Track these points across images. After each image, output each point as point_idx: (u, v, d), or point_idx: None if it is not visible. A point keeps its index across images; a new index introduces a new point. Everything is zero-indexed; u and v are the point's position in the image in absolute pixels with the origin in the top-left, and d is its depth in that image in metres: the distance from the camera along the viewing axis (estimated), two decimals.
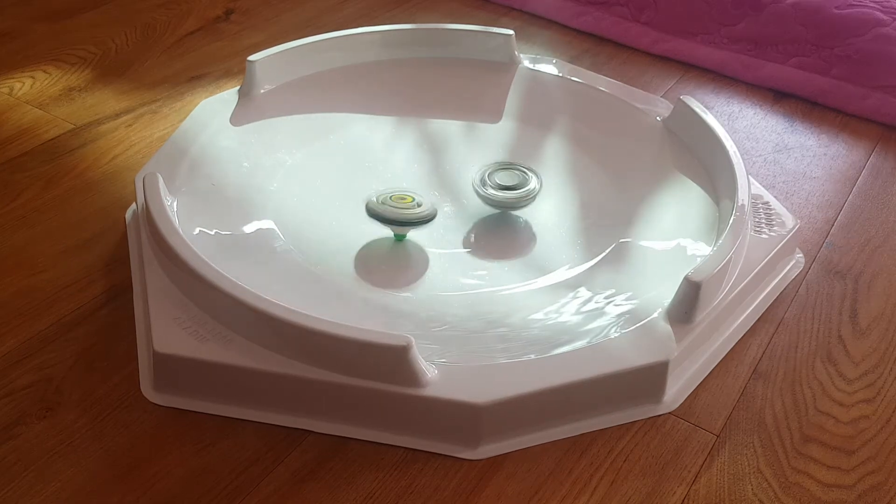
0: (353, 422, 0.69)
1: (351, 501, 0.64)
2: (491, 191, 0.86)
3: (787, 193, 0.97)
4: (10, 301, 0.79)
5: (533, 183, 0.87)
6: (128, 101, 1.08)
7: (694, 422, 0.71)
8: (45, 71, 1.14)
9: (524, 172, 0.88)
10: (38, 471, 0.65)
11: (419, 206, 0.82)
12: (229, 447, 0.67)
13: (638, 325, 0.72)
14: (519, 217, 0.88)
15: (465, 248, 0.84)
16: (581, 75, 1.06)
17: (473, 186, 0.87)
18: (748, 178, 0.84)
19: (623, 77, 1.16)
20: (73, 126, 1.03)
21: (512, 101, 1.04)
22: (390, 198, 0.82)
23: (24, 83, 1.11)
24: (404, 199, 0.82)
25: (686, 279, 0.72)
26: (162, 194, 0.79)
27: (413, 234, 0.84)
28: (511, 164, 0.89)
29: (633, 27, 1.26)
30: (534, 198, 0.87)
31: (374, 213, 0.81)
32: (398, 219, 0.81)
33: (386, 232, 0.83)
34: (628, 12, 1.27)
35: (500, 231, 0.87)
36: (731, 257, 0.75)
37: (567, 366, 0.69)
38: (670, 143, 0.96)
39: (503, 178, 0.87)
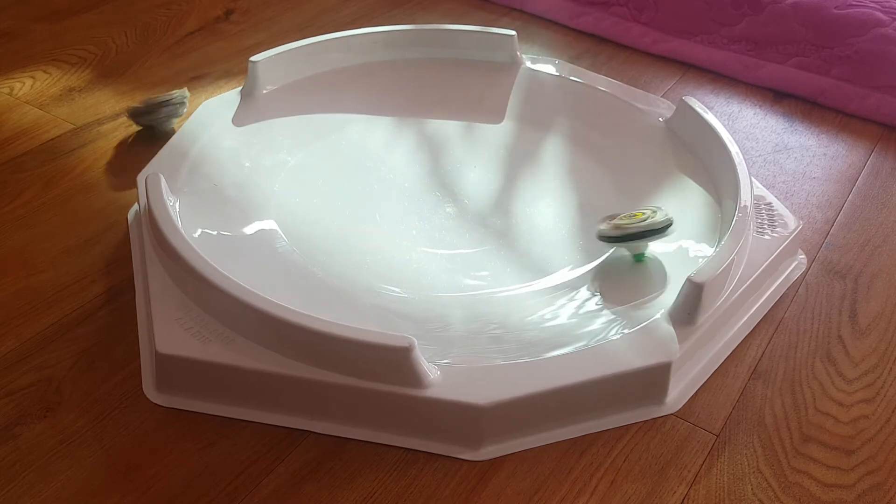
0: (354, 422, 0.69)
1: (351, 502, 0.64)
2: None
3: (786, 193, 0.97)
4: (10, 301, 0.79)
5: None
6: (128, 101, 1.08)
7: (693, 422, 0.71)
8: (45, 71, 1.14)
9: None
10: (38, 471, 0.65)
11: (654, 213, 0.78)
12: (229, 447, 0.67)
13: (640, 326, 0.72)
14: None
15: (465, 249, 0.84)
16: (583, 76, 1.06)
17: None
18: (751, 180, 0.84)
19: (623, 77, 1.16)
20: (73, 126, 1.03)
21: (514, 102, 1.04)
22: (620, 217, 0.79)
23: (24, 83, 1.11)
24: (635, 215, 0.78)
25: (689, 280, 0.72)
26: (164, 194, 0.79)
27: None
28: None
29: (633, 27, 1.26)
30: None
31: (608, 236, 0.79)
32: (636, 231, 0.78)
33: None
34: (628, 12, 1.27)
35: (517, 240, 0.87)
36: (733, 259, 0.75)
37: (570, 367, 0.69)
38: (672, 144, 0.96)
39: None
